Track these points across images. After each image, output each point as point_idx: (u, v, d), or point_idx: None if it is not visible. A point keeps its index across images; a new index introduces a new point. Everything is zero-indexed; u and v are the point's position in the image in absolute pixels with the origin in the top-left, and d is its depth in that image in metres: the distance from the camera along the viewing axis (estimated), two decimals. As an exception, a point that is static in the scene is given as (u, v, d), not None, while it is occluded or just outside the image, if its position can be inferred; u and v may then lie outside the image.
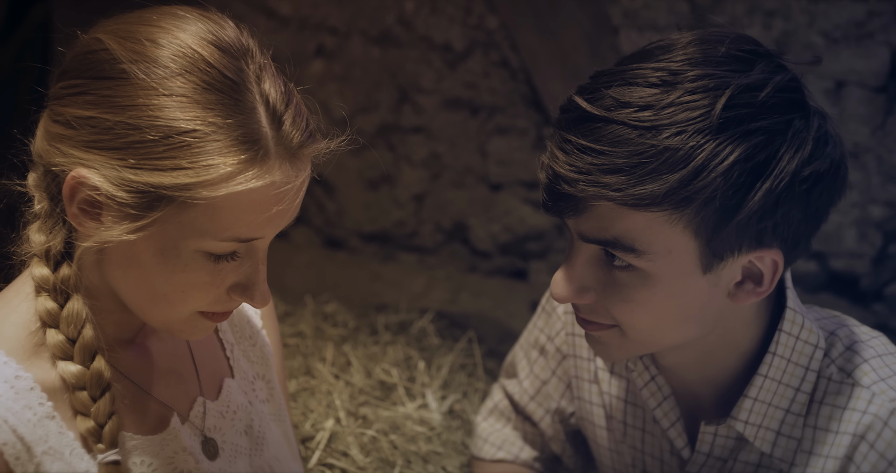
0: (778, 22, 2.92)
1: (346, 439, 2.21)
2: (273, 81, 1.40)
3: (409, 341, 2.90)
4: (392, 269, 3.52)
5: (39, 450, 1.42)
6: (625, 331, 1.63)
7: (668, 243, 1.52)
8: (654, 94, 1.48)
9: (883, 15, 2.81)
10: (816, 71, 2.89)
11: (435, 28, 3.37)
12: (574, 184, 1.50)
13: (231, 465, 1.64)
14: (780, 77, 1.51)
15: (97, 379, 1.46)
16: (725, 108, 1.45)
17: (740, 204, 1.48)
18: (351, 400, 2.41)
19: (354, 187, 3.67)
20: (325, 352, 2.67)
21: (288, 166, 1.39)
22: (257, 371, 1.78)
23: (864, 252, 2.99)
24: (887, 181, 2.91)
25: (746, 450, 1.74)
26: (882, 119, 2.89)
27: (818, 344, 1.69)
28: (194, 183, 1.33)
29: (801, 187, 1.50)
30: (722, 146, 1.45)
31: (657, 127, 1.46)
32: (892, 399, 1.63)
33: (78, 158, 1.36)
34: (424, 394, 2.55)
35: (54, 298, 1.46)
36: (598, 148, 1.48)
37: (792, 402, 1.69)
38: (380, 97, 3.53)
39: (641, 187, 1.46)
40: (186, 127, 1.33)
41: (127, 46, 1.36)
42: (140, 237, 1.37)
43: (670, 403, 1.80)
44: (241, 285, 1.46)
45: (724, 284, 1.58)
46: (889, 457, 1.61)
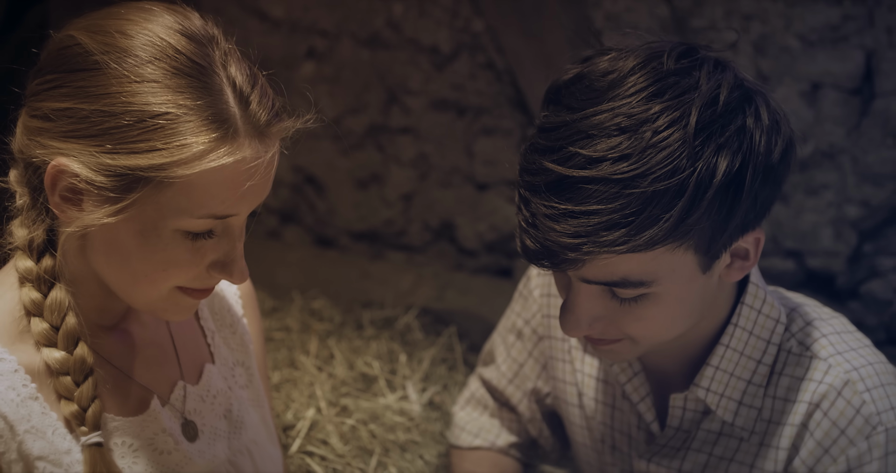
0: (756, 25, 2.95)
1: (326, 428, 2.26)
2: (238, 65, 1.46)
3: (392, 335, 2.94)
4: (381, 267, 3.56)
5: (22, 429, 1.47)
6: (638, 341, 1.68)
7: (672, 265, 1.56)
8: (621, 141, 1.48)
9: (857, 18, 2.84)
10: (793, 73, 2.93)
11: (423, 31, 3.41)
12: (578, 249, 1.50)
13: (210, 447, 1.69)
14: (721, 76, 1.55)
15: (80, 365, 1.51)
16: (696, 135, 1.48)
17: (730, 215, 1.54)
18: (333, 391, 2.45)
19: (345, 186, 3.70)
20: (309, 345, 2.72)
21: (257, 143, 1.44)
22: (237, 358, 1.83)
23: (840, 251, 3.01)
24: (862, 181, 2.93)
25: (709, 419, 1.80)
26: (857, 120, 2.91)
27: (779, 319, 1.76)
28: (169, 163, 1.39)
29: (768, 175, 1.57)
30: (703, 175, 1.48)
31: (640, 175, 1.47)
32: (846, 371, 1.71)
33: (57, 148, 1.42)
34: (405, 386, 2.59)
35: (38, 288, 1.52)
36: (589, 209, 1.48)
37: (754, 373, 1.76)
38: (369, 98, 3.56)
39: (642, 235, 1.49)
40: (159, 110, 1.39)
41: (98, 39, 1.42)
42: (120, 221, 1.43)
43: (640, 378, 1.86)
44: (220, 263, 1.51)
45: (718, 271, 1.65)
46: (841, 425, 1.69)
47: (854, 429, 1.68)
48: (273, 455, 1.83)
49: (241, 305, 1.87)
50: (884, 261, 2.98)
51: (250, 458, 1.76)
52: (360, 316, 3.07)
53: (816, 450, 1.71)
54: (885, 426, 1.67)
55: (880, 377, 1.71)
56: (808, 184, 3.00)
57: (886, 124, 2.88)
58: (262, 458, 1.78)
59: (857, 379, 1.70)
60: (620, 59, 1.57)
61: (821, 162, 2.97)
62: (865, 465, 1.68)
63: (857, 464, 1.68)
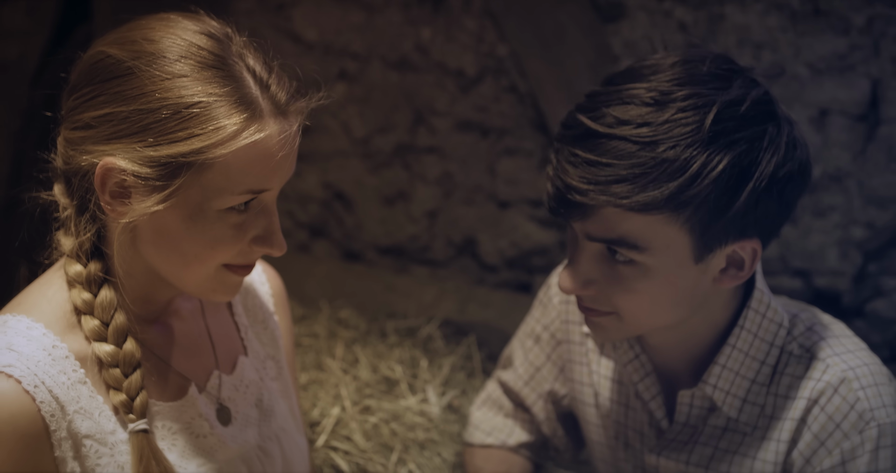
0: (766, 54, 2.99)
1: (350, 425, 2.34)
2: (254, 55, 1.60)
3: (415, 344, 3.01)
4: (405, 281, 3.60)
5: (71, 409, 1.58)
6: (623, 317, 1.80)
7: (667, 239, 1.70)
8: (649, 111, 1.66)
9: (864, 48, 2.88)
10: (802, 100, 2.97)
11: (449, 55, 3.45)
12: (585, 194, 1.67)
13: (242, 432, 1.79)
14: (755, 92, 1.70)
15: (129, 358, 1.63)
16: (713, 122, 1.64)
17: (730, 204, 1.67)
18: (357, 392, 2.53)
19: (372, 203, 3.74)
20: (335, 350, 2.81)
21: (281, 120, 1.58)
22: (268, 352, 1.93)
23: (846, 271, 3.03)
24: (867, 204, 2.96)
25: (715, 416, 1.91)
26: (863, 146, 2.94)
27: (782, 323, 1.87)
28: (207, 145, 1.53)
29: (777, 186, 1.70)
30: (712, 156, 1.64)
31: (655, 142, 1.64)
32: (843, 370, 1.82)
33: (102, 150, 1.55)
34: (425, 389, 2.66)
35: (88, 289, 1.63)
36: (604, 161, 1.65)
37: (757, 373, 1.87)
38: (397, 119, 3.60)
39: (645, 194, 1.64)
40: (192, 100, 1.53)
41: (126, 49, 1.56)
42: (168, 208, 1.55)
43: (652, 378, 1.98)
44: (261, 237, 1.64)
45: (711, 271, 1.76)
46: (836, 420, 1.80)
47: (848, 424, 1.79)
48: (299, 443, 1.92)
49: (273, 303, 1.97)
50: (888, 281, 3.00)
51: (278, 444, 1.85)
52: (384, 325, 3.14)
53: (813, 443, 1.82)
54: (877, 421, 1.78)
55: (874, 377, 1.82)
56: (815, 206, 3.03)
57: (891, 150, 2.91)
58: (289, 445, 1.88)
59: (853, 378, 1.81)
60: (666, 57, 1.74)
61: (828, 185, 3.00)
62: (858, 458, 1.79)
63: (851, 457, 1.79)
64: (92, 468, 1.60)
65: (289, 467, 1.87)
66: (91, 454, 1.60)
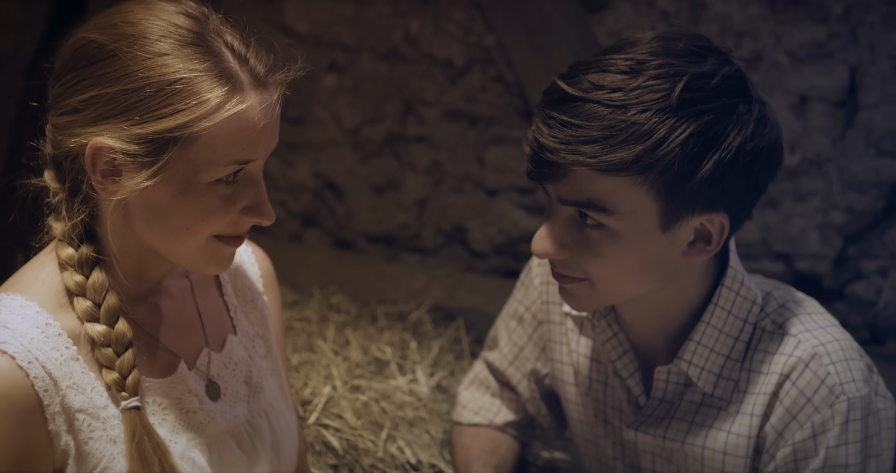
0: (748, 42, 3.03)
1: (340, 403, 2.38)
2: (231, 32, 1.64)
3: (405, 327, 3.05)
4: (396, 268, 3.63)
5: (64, 385, 1.61)
6: (594, 283, 1.84)
7: (634, 204, 1.74)
8: (623, 78, 1.71)
9: (842, 36, 2.92)
10: (783, 87, 3.00)
11: (438, 46, 3.48)
12: (556, 153, 1.72)
13: (231, 408, 1.83)
14: (728, 68, 1.75)
15: (121, 338, 1.66)
16: (683, 91, 1.69)
17: (694, 171, 1.71)
18: (347, 373, 2.57)
19: (362, 192, 3.77)
20: (327, 333, 2.84)
21: (262, 91, 1.62)
22: (257, 331, 1.97)
23: (826, 254, 3.05)
24: (846, 189, 2.99)
25: (690, 391, 1.95)
26: (842, 131, 2.97)
27: (755, 300, 1.91)
28: (192, 119, 1.56)
29: (744, 159, 1.74)
30: (679, 122, 1.69)
31: (626, 105, 1.69)
32: (814, 346, 1.86)
33: (90, 132, 1.58)
34: (415, 370, 2.70)
35: (80, 271, 1.67)
36: (576, 122, 1.70)
37: (732, 350, 1.91)
38: (387, 109, 3.63)
39: (612, 155, 1.69)
40: (175, 77, 1.57)
41: (107, 32, 1.60)
42: (158, 183, 1.59)
43: (630, 356, 2.02)
44: (250, 207, 1.67)
45: (680, 242, 1.80)
46: (807, 394, 1.84)
47: (819, 398, 1.83)
48: (289, 420, 1.95)
49: (262, 283, 2.01)
50: (867, 264, 3.03)
51: (267, 420, 1.89)
52: (375, 310, 3.17)
53: (785, 417, 1.86)
54: (846, 395, 1.82)
55: (845, 353, 1.86)
56: (796, 191, 3.06)
57: (869, 135, 2.93)
58: (278, 421, 1.91)
59: (824, 353, 1.85)
60: (647, 33, 1.80)
61: (808, 170, 3.03)
62: (828, 431, 1.82)
63: (822, 430, 1.83)
64: (85, 441, 1.63)
65: (277, 442, 1.91)
66: (84, 427, 1.63)
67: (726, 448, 1.92)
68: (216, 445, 1.80)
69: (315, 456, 2.26)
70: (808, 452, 1.85)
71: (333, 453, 2.29)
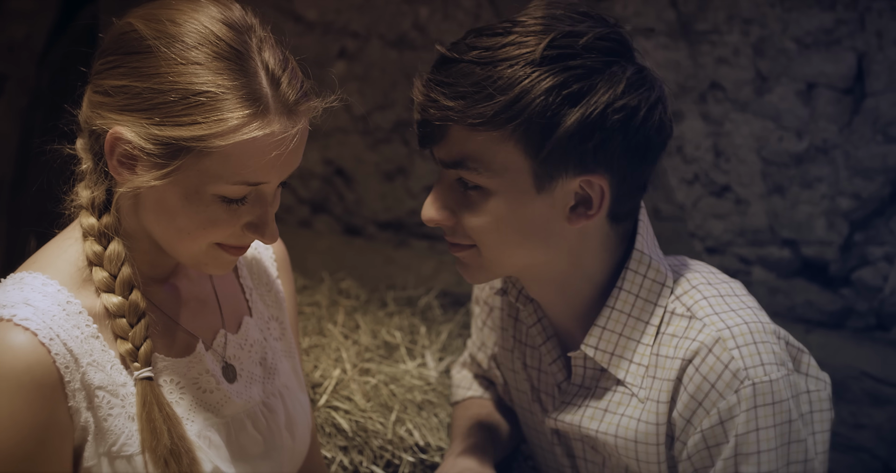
0: (755, 29, 3.04)
1: (350, 386, 2.41)
2: (272, 50, 1.64)
3: (414, 312, 3.07)
4: (405, 254, 3.66)
5: (85, 362, 1.65)
6: (480, 250, 1.84)
7: (505, 160, 1.76)
8: (497, 39, 1.75)
9: (849, 23, 2.92)
10: (790, 74, 3.01)
11: (447, 33, 3.46)
12: (427, 111, 1.77)
13: (247, 389, 1.86)
14: (602, 30, 1.77)
15: (134, 308, 1.70)
16: (548, 46, 1.72)
17: (557, 124, 1.72)
18: (357, 356, 2.60)
19: (372, 178, 3.78)
20: (336, 317, 2.87)
21: (285, 119, 1.62)
22: (271, 313, 2.00)
23: (833, 241, 3.06)
24: (853, 175, 3.00)
25: (605, 377, 1.93)
26: (849, 118, 2.98)
27: (665, 283, 1.89)
28: (208, 134, 1.58)
29: (613, 117, 1.74)
30: (542, 75, 1.71)
31: (494, 62, 1.73)
32: (718, 329, 1.81)
33: (115, 119, 1.61)
34: (424, 355, 2.72)
35: (99, 241, 1.70)
36: (448, 81, 1.74)
37: (643, 334, 1.89)
38: (396, 96, 3.64)
39: (475, 110, 1.72)
40: (201, 89, 1.58)
41: (151, 26, 1.61)
42: (167, 184, 1.61)
43: (553, 342, 2.01)
44: (254, 224, 1.69)
45: (560, 206, 1.80)
46: (711, 379, 1.79)
47: (723, 383, 1.78)
48: (302, 401, 1.99)
49: (276, 267, 2.04)
50: (873, 250, 3.04)
51: (282, 401, 1.92)
52: (384, 295, 3.19)
53: (691, 403, 1.82)
54: (751, 380, 1.77)
55: (753, 336, 1.80)
56: (802, 177, 3.07)
57: (876, 122, 2.94)
58: (292, 402, 1.95)
59: (728, 337, 1.80)
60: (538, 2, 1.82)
61: (815, 157, 3.04)
62: (735, 417, 1.77)
63: (728, 416, 1.77)
64: (104, 417, 1.67)
65: (292, 423, 1.94)
66: (103, 404, 1.67)
67: (637, 436, 1.89)
68: (232, 425, 1.83)
69: (325, 438, 2.28)
70: (717, 439, 1.80)
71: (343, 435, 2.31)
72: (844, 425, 3.02)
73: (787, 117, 3.07)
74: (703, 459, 1.82)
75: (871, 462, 3.00)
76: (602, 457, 1.99)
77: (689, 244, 3.31)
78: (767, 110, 3.09)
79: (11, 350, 1.58)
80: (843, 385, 2.99)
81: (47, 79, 3.81)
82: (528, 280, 1.94)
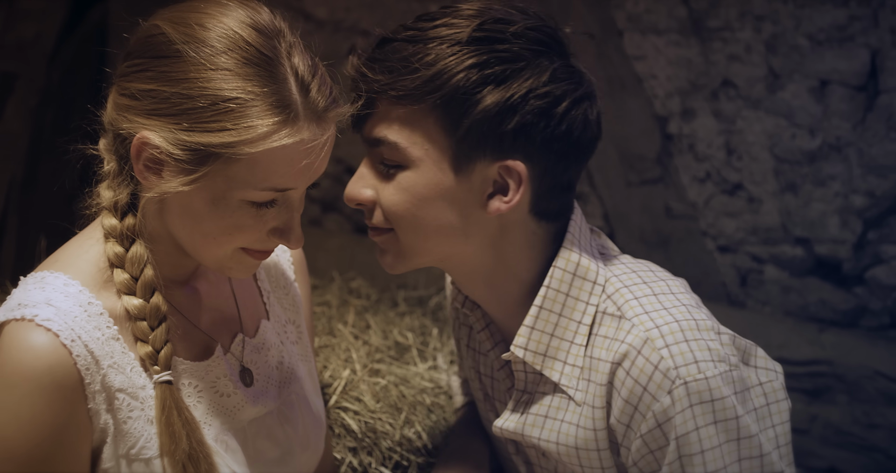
0: (767, 25, 3.04)
1: (360, 387, 2.40)
2: (301, 56, 1.62)
3: (425, 312, 3.05)
4: None
5: (105, 364, 1.64)
6: (396, 232, 1.83)
7: (424, 137, 1.76)
8: (431, 22, 1.77)
9: (863, 19, 2.92)
10: (803, 71, 3.01)
11: None
12: (357, 85, 1.77)
13: (263, 393, 1.85)
14: (533, 22, 1.78)
15: (155, 311, 1.69)
16: (476, 29, 1.73)
17: (477, 102, 1.72)
18: (367, 357, 2.59)
19: None
20: (347, 317, 2.86)
21: (315, 126, 1.60)
22: (289, 317, 2.00)
23: (846, 239, 3.06)
24: (867, 173, 2.99)
25: (543, 382, 1.89)
26: (862, 115, 2.97)
27: (595, 280, 1.84)
28: (237, 141, 1.56)
29: (534, 102, 1.73)
30: (466, 54, 1.72)
31: (424, 40, 1.74)
32: (647, 329, 1.75)
33: (142, 123, 1.59)
34: (436, 357, 2.71)
35: (121, 243, 1.69)
36: (379, 58, 1.76)
37: (575, 334, 1.84)
38: None
39: (399, 83, 1.73)
40: (230, 95, 1.55)
41: (180, 30, 1.59)
42: (194, 189, 1.60)
43: (501, 348, 1.97)
44: (279, 230, 1.68)
45: (477, 191, 1.78)
46: (642, 382, 1.74)
47: (654, 385, 1.72)
48: (317, 405, 1.98)
49: (294, 270, 2.03)
50: (887, 248, 3.03)
51: (297, 405, 1.92)
52: (395, 295, 3.17)
53: (627, 408, 1.76)
54: (683, 379, 1.70)
55: (684, 334, 1.74)
56: (816, 175, 3.06)
57: (890, 119, 2.94)
58: (308, 406, 1.94)
59: (657, 336, 1.74)
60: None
61: (828, 154, 3.03)
62: (672, 418, 1.71)
63: (665, 419, 1.72)
64: (124, 420, 1.66)
65: (306, 427, 1.93)
66: (123, 407, 1.66)
67: (577, 442, 1.85)
68: (248, 430, 1.82)
69: (335, 439, 2.27)
70: (658, 442, 1.75)
71: (352, 435, 2.30)
72: (858, 425, 3.01)
73: (799, 115, 3.06)
74: (649, 463, 1.78)
75: (886, 462, 2.99)
76: (554, 464, 1.96)
77: (701, 243, 3.30)
78: (780, 108, 3.09)
79: (33, 351, 1.57)
80: (857, 385, 2.98)
81: (57, 78, 3.83)
82: (454, 274, 1.92)
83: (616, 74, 3.31)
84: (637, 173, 3.35)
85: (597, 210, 3.43)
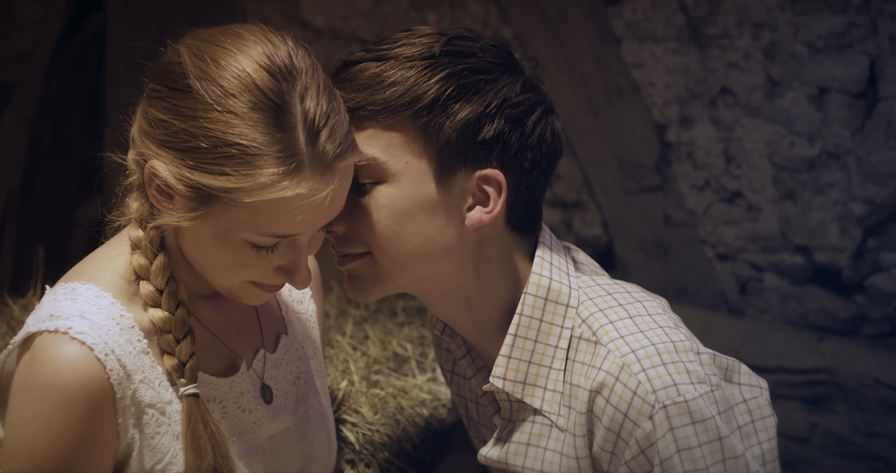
0: (766, 33, 3.04)
1: (358, 398, 2.40)
2: (316, 99, 1.57)
3: (424, 323, 3.03)
4: None
5: (137, 378, 1.64)
6: (374, 256, 1.79)
7: (404, 148, 1.75)
8: (391, 45, 1.78)
9: (861, 26, 2.92)
10: (801, 78, 3.01)
11: None
12: None
13: (282, 410, 1.85)
14: (493, 41, 1.80)
15: (181, 324, 1.68)
16: (446, 44, 1.75)
17: (455, 113, 1.73)
18: (366, 368, 2.59)
19: None
20: (345, 328, 2.86)
21: (318, 178, 1.56)
22: (305, 332, 1.99)
23: (846, 247, 3.06)
24: (866, 181, 2.99)
25: (525, 409, 1.87)
26: (861, 123, 2.98)
27: (568, 303, 1.82)
28: (235, 188, 1.53)
29: (510, 111, 1.75)
30: (436, 67, 1.73)
31: (391, 57, 1.75)
32: (622, 355, 1.72)
33: (154, 152, 1.58)
34: (435, 369, 2.69)
35: (146, 255, 1.68)
36: (348, 78, 1.75)
37: (553, 359, 1.82)
38: None
39: (376, 97, 1.72)
40: (232, 140, 1.52)
41: (195, 63, 1.57)
42: (198, 224, 1.58)
43: (483, 374, 1.95)
44: (285, 269, 1.65)
45: (457, 204, 1.77)
46: (622, 409, 1.71)
47: (635, 411, 1.69)
48: (329, 421, 1.98)
49: (311, 285, 2.00)
50: (887, 256, 3.03)
51: (314, 421, 1.91)
52: (394, 305, 3.15)
53: (609, 436, 1.73)
54: (662, 403, 1.68)
55: (661, 357, 1.71)
56: (815, 183, 3.06)
57: (889, 126, 2.94)
58: (322, 422, 1.94)
59: (633, 361, 1.71)
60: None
61: (827, 162, 3.03)
62: (655, 443, 1.69)
63: (647, 444, 1.69)
64: (151, 436, 1.67)
65: (321, 442, 1.93)
66: (152, 422, 1.66)
67: (560, 470, 1.83)
68: (267, 445, 1.82)
69: (332, 452, 2.28)
70: (643, 467, 1.72)
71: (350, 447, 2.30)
72: (858, 433, 3.00)
73: (798, 122, 3.06)
74: None
75: (887, 471, 2.99)
76: None
77: (700, 251, 3.30)
78: (779, 115, 3.09)
79: (67, 364, 1.57)
80: (857, 393, 2.98)
81: (55, 87, 3.83)
82: (431, 298, 1.88)
83: (614, 82, 3.31)
84: (636, 181, 3.35)
85: (595, 219, 3.42)
